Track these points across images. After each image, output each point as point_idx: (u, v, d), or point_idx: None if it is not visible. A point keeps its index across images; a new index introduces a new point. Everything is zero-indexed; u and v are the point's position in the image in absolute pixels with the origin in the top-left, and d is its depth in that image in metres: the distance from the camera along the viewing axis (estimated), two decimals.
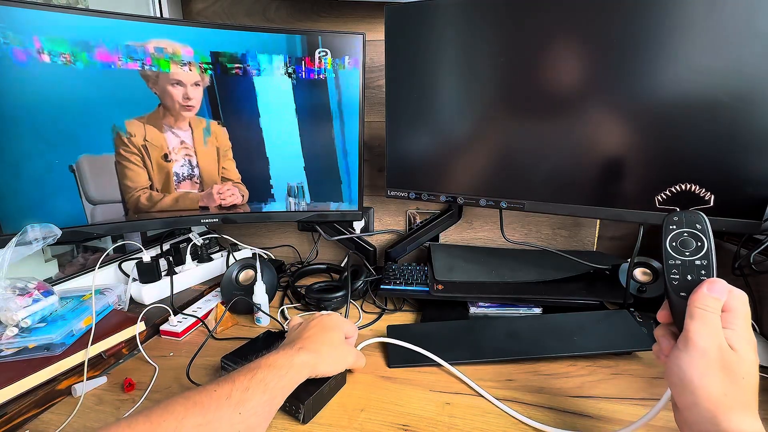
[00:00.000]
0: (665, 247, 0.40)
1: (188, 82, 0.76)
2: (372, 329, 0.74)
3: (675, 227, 0.40)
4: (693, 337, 0.36)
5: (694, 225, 0.39)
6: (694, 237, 0.39)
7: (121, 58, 0.70)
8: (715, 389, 0.34)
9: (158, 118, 0.76)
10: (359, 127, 0.85)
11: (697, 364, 0.35)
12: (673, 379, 0.37)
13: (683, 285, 0.39)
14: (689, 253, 0.39)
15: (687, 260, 0.39)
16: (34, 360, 0.57)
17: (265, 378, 0.45)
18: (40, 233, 0.65)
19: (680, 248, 0.39)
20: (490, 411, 0.53)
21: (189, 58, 0.75)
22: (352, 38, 0.81)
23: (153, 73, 0.73)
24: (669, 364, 0.38)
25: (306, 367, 0.50)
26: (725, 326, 0.36)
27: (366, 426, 0.50)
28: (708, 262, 0.38)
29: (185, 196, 0.82)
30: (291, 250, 1.11)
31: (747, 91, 0.57)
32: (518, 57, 0.69)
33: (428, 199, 0.83)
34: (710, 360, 0.35)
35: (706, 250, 0.38)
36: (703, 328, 0.36)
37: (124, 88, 0.72)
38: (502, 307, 0.77)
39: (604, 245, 0.98)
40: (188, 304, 0.82)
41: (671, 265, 0.39)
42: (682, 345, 0.37)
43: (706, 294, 0.37)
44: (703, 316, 0.36)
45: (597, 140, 0.67)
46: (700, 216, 0.39)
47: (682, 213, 0.40)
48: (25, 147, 0.66)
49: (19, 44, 0.63)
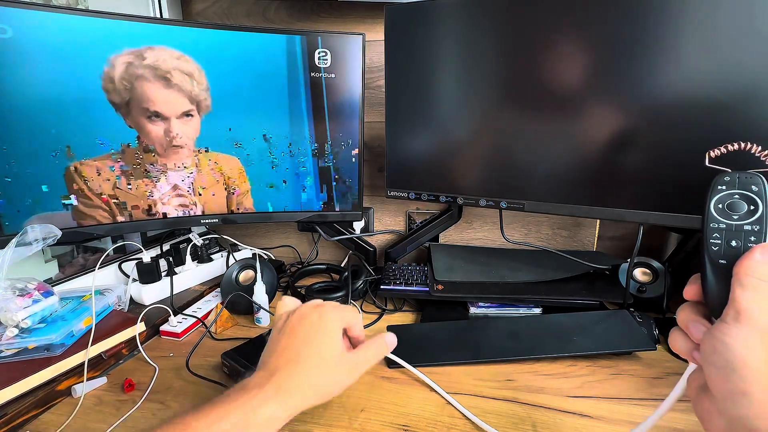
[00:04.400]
0: (708, 208, 0.35)
1: (172, 114, 0.60)
2: (372, 329, 0.74)
3: (725, 188, 0.35)
4: (747, 308, 0.29)
5: (749, 187, 0.34)
6: (746, 199, 0.34)
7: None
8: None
9: (136, 156, 0.60)
10: (359, 127, 0.85)
11: (755, 343, 0.28)
12: (714, 359, 0.30)
13: (726, 252, 0.33)
14: (738, 217, 0.34)
15: (734, 224, 0.34)
16: (34, 360, 0.57)
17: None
18: (40, 233, 0.65)
19: (727, 211, 0.34)
20: (491, 411, 0.53)
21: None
22: (351, 38, 0.81)
23: (122, 97, 0.58)
24: (711, 341, 0.30)
25: (276, 422, 0.38)
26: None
27: (366, 426, 0.50)
28: (761, 227, 0.33)
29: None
30: (291, 251, 1.11)
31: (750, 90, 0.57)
32: (518, 57, 0.69)
33: (428, 199, 0.83)
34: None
35: (760, 215, 0.33)
36: (758, 299, 0.29)
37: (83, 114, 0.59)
38: (502, 307, 0.77)
39: (604, 245, 0.98)
40: (188, 304, 0.82)
41: (713, 228, 0.34)
42: (730, 318, 0.30)
43: (759, 261, 0.30)
44: (757, 285, 0.29)
45: (597, 140, 0.67)
46: (758, 178, 0.34)
47: (735, 173, 0.35)
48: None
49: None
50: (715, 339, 0.30)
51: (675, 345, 0.34)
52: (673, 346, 0.34)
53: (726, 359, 0.29)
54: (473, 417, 0.51)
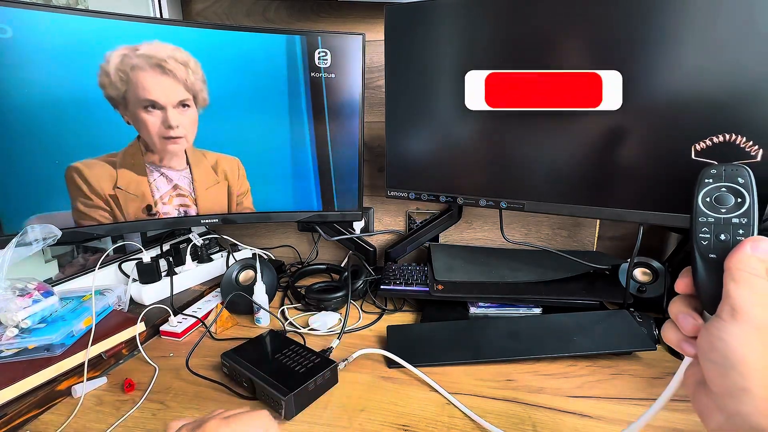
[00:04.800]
0: (696, 202, 0.34)
1: (168, 103, 0.59)
2: (372, 330, 0.74)
3: (711, 181, 0.34)
4: (743, 304, 0.29)
5: (735, 179, 0.34)
6: (733, 192, 0.33)
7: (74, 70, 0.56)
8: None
9: (136, 155, 0.58)
10: (359, 127, 0.85)
11: (752, 339, 0.28)
12: (713, 356, 0.29)
13: (714, 246, 0.33)
14: (725, 210, 0.33)
15: (722, 218, 0.33)
16: (34, 361, 0.57)
17: None
18: (40, 234, 0.65)
19: (715, 204, 0.34)
20: (491, 411, 0.53)
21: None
22: (351, 38, 0.81)
23: (118, 90, 0.56)
24: (708, 338, 0.30)
25: None
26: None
27: (366, 426, 0.50)
28: (748, 220, 0.33)
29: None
30: (291, 251, 1.11)
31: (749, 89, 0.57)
32: (518, 56, 0.69)
33: (428, 199, 0.83)
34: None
35: (747, 207, 0.33)
36: (753, 294, 0.29)
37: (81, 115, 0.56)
38: (502, 307, 0.77)
39: (604, 245, 0.98)
40: (188, 304, 0.82)
41: (701, 223, 0.34)
42: (726, 314, 0.29)
43: (749, 255, 0.30)
44: (749, 280, 0.29)
45: (596, 140, 0.67)
46: (743, 170, 0.34)
47: (721, 166, 0.34)
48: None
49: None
50: (713, 336, 0.29)
51: (666, 336, 0.34)
52: (664, 337, 0.35)
53: (724, 356, 0.29)
54: (475, 416, 0.51)
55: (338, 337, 0.70)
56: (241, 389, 0.57)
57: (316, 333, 0.73)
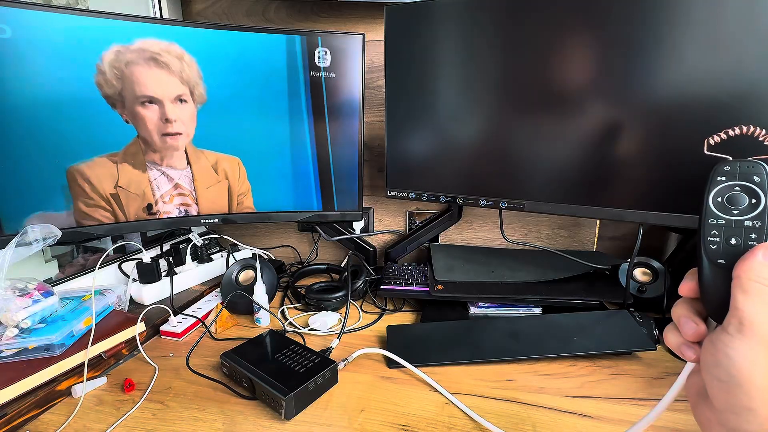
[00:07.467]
0: (706, 202, 0.32)
1: (165, 97, 0.58)
2: (372, 330, 0.74)
3: (724, 179, 0.31)
4: (752, 319, 0.27)
5: (750, 177, 0.30)
6: (747, 192, 0.30)
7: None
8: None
9: (137, 154, 0.58)
10: (359, 127, 0.85)
11: (759, 356, 0.26)
12: (717, 372, 0.28)
13: (724, 250, 0.30)
14: (738, 212, 0.30)
15: (734, 220, 0.30)
16: (34, 361, 0.57)
17: None
18: (40, 234, 0.65)
19: (727, 205, 0.31)
20: (491, 410, 0.53)
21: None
22: (351, 38, 0.81)
23: (114, 88, 0.56)
24: (714, 352, 0.28)
25: None
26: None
27: (366, 426, 0.50)
28: (762, 224, 0.30)
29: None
30: (291, 251, 1.11)
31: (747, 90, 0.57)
32: (518, 56, 0.69)
33: (428, 199, 0.83)
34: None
35: (761, 209, 0.30)
36: (763, 308, 0.27)
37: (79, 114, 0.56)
38: (502, 307, 0.77)
39: (604, 245, 0.98)
40: (188, 304, 0.82)
41: (711, 225, 0.31)
42: (733, 329, 0.27)
43: (761, 263, 0.28)
44: (760, 292, 0.27)
45: (597, 139, 0.67)
46: (760, 167, 0.30)
47: (736, 162, 0.31)
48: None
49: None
50: (718, 351, 0.28)
51: (667, 338, 0.33)
52: (665, 340, 0.34)
53: (730, 374, 0.27)
54: (475, 416, 0.51)
55: (338, 337, 0.70)
56: (241, 389, 0.57)
57: (316, 333, 0.73)
